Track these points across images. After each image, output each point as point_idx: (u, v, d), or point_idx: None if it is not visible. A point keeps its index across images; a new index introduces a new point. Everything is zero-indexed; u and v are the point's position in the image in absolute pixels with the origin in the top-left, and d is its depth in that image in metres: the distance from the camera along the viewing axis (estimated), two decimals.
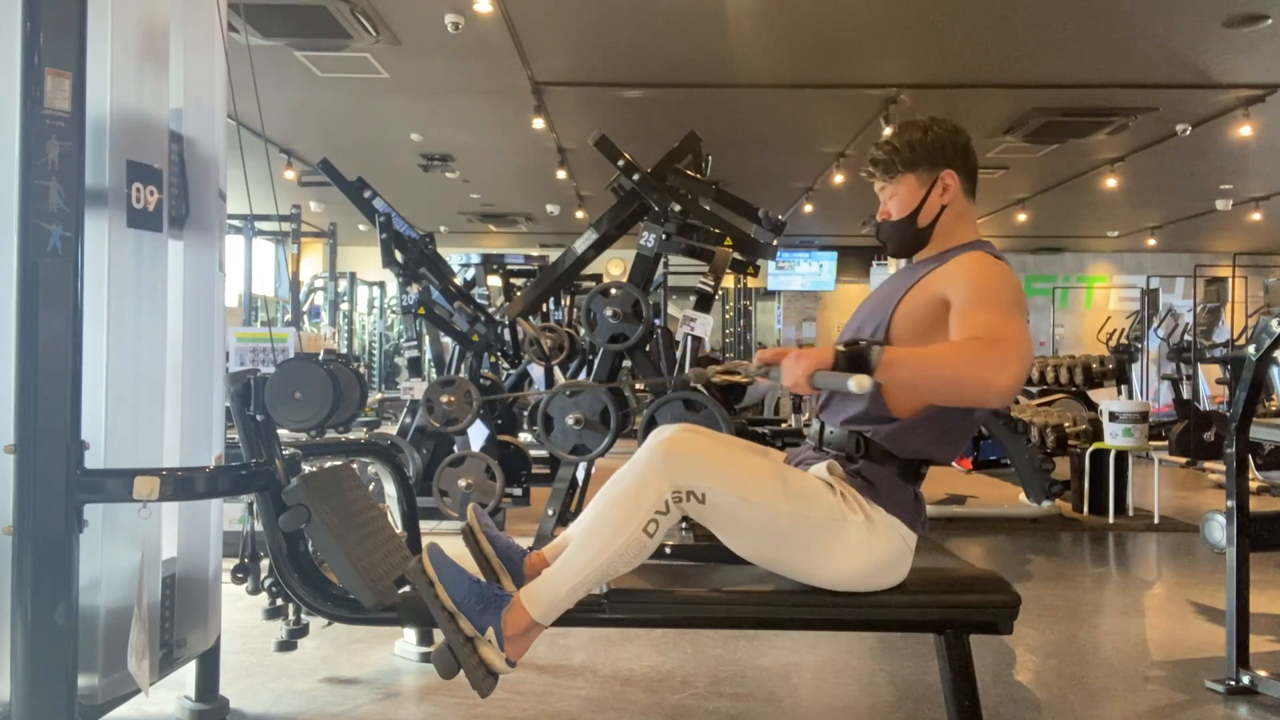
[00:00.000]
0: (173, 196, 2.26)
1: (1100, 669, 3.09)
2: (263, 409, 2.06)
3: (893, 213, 2.00)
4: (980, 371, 1.65)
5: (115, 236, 2.07)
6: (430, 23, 5.63)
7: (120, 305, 2.08)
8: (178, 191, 2.31)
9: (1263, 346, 2.85)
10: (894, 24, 5.67)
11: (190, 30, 2.37)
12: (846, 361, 1.69)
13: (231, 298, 8.26)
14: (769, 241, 4.54)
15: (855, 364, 1.68)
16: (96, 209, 2.02)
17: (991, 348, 1.68)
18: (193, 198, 2.37)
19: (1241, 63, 6.19)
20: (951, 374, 1.67)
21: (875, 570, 1.84)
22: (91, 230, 1.95)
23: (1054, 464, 5.96)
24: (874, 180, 2.03)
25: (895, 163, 1.97)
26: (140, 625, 1.98)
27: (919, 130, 1.97)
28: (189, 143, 2.37)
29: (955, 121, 1.99)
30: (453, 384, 4.49)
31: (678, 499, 1.80)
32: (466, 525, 2.01)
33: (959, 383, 1.67)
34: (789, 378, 1.74)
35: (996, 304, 1.77)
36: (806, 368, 1.71)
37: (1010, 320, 1.74)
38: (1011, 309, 1.77)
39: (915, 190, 1.96)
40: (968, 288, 1.82)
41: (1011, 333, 1.71)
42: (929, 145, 1.95)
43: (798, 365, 1.72)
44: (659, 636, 3.28)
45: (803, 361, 1.72)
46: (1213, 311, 13.41)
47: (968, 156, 1.98)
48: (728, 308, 13.60)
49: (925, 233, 1.98)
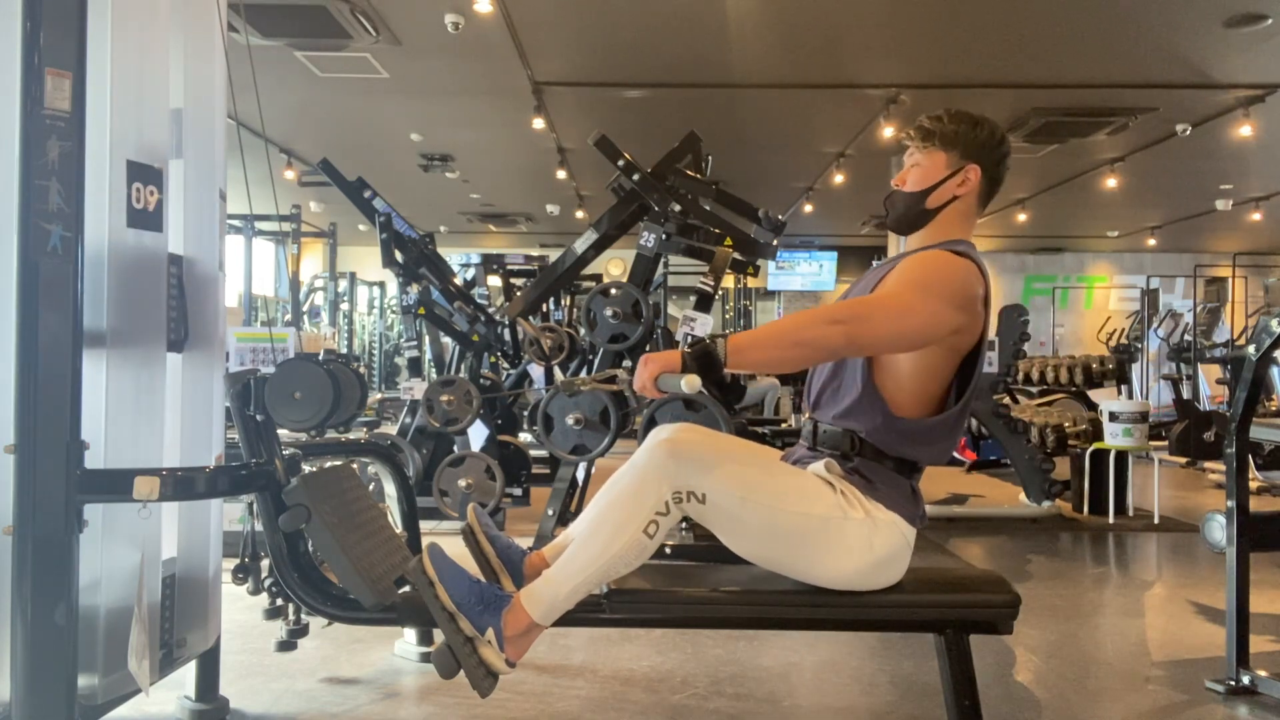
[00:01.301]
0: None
1: (1100, 669, 3.09)
2: (263, 409, 2.06)
3: (909, 182, 1.99)
4: (815, 327, 1.73)
5: (115, 236, 2.07)
6: (430, 23, 5.63)
7: (120, 305, 2.08)
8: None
9: (1263, 346, 2.85)
10: (894, 24, 5.67)
11: (190, 30, 2.37)
12: (694, 360, 1.71)
13: (231, 298, 8.27)
14: (769, 241, 4.54)
15: (703, 361, 1.70)
16: (96, 209, 2.01)
17: (847, 306, 1.76)
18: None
19: (1241, 63, 6.19)
20: (795, 336, 1.75)
21: (876, 567, 1.84)
22: (91, 230, 1.95)
23: (1054, 464, 5.97)
24: (910, 143, 2.02)
25: (935, 135, 1.97)
26: (140, 625, 1.98)
27: (971, 122, 1.97)
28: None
29: (1005, 133, 2.00)
30: (453, 384, 4.49)
31: (678, 499, 1.80)
32: (466, 525, 2.01)
33: (799, 342, 1.74)
34: (637, 381, 1.77)
35: (906, 282, 1.82)
36: (652, 371, 1.74)
37: (905, 294, 1.78)
38: (917, 288, 1.80)
39: (939, 169, 1.96)
40: (896, 273, 1.87)
41: (891, 301, 1.77)
42: (972, 138, 1.95)
43: (645, 369, 1.75)
44: (659, 636, 3.28)
45: (649, 365, 1.74)
46: (1213, 311, 13.41)
47: (999, 165, 1.98)
48: (728, 308, 13.60)
49: (929, 215, 1.97)
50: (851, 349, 1.78)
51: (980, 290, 1.86)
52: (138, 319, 2.13)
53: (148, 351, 2.16)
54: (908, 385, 1.86)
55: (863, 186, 9.66)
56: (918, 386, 1.87)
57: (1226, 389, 8.87)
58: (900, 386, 1.86)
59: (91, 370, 1.97)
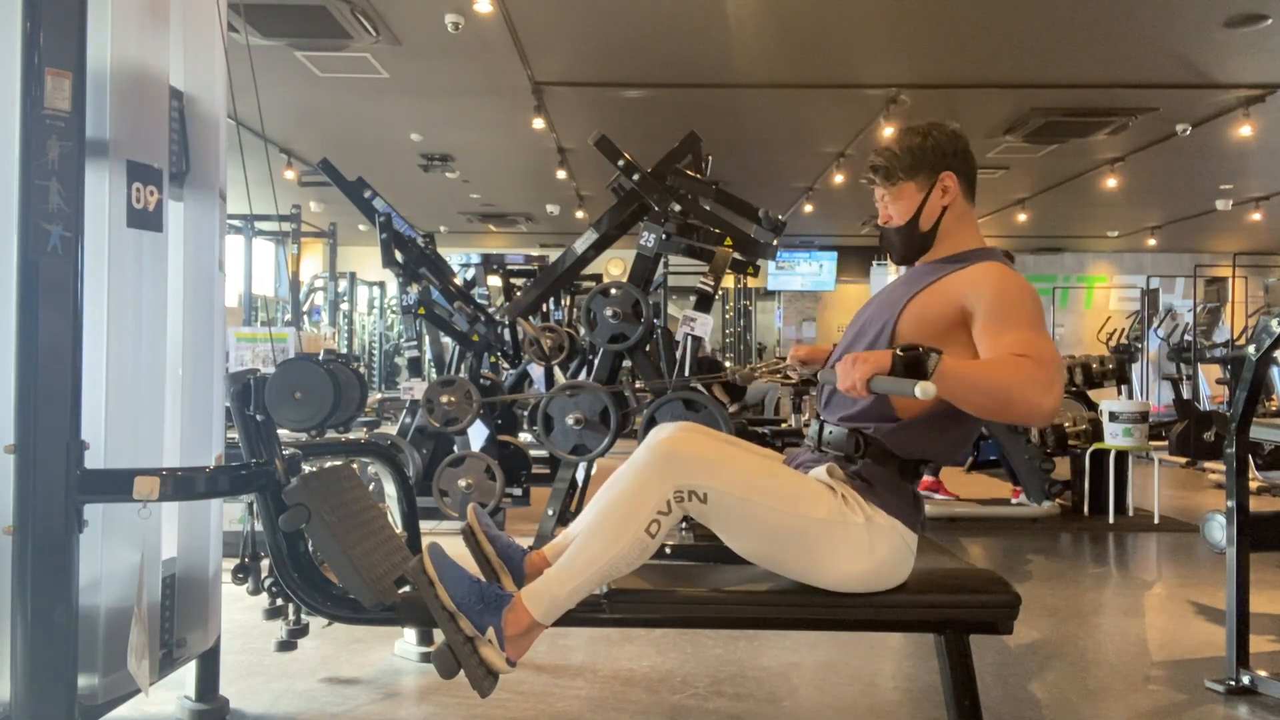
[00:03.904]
0: (174, 153, 2.28)
1: (1100, 669, 3.09)
2: (263, 409, 2.06)
3: (894, 218, 2.00)
4: (1030, 391, 1.66)
5: (115, 236, 2.07)
6: (430, 23, 5.63)
7: (120, 305, 2.08)
8: (179, 149, 2.32)
9: (1263, 346, 2.85)
10: (894, 24, 5.67)
11: (190, 30, 2.37)
12: (903, 366, 1.67)
13: (231, 298, 8.26)
14: (769, 241, 4.53)
15: (912, 368, 1.66)
16: (96, 209, 2.01)
17: (1039, 368, 1.68)
18: (195, 158, 2.37)
19: (1241, 63, 6.19)
20: (1003, 393, 1.67)
21: (877, 571, 1.84)
22: (91, 230, 1.95)
23: (1054, 464, 5.96)
24: (874, 186, 2.03)
25: (895, 169, 1.97)
26: (140, 625, 1.98)
27: (918, 136, 1.97)
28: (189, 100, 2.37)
29: (954, 126, 2.00)
30: (453, 384, 4.49)
31: (679, 499, 1.80)
32: (466, 525, 2.01)
33: (1009, 401, 1.67)
34: (845, 381, 1.71)
35: (1030, 321, 1.77)
36: (865, 372, 1.68)
37: (1045, 339, 1.75)
38: (1042, 327, 1.78)
39: (915, 196, 1.97)
40: (996, 301, 1.80)
41: (1051, 353, 1.73)
42: (928, 151, 1.95)
43: (855, 370, 1.69)
44: (659, 636, 3.28)
45: (860, 366, 1.69)
46: (1213, 311, 13.42)
47: (967, 160, 1.99)
48: (728, 308, 13.61)
49: (929, 236, 1.98)
50: (1044, 422, 1.74)
51: None
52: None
53: (148, 352, 2.16)
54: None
55: (863, 186, 9.64)
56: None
57: (1226, 389, 8.87)
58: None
59: (91, 371, 1.97)
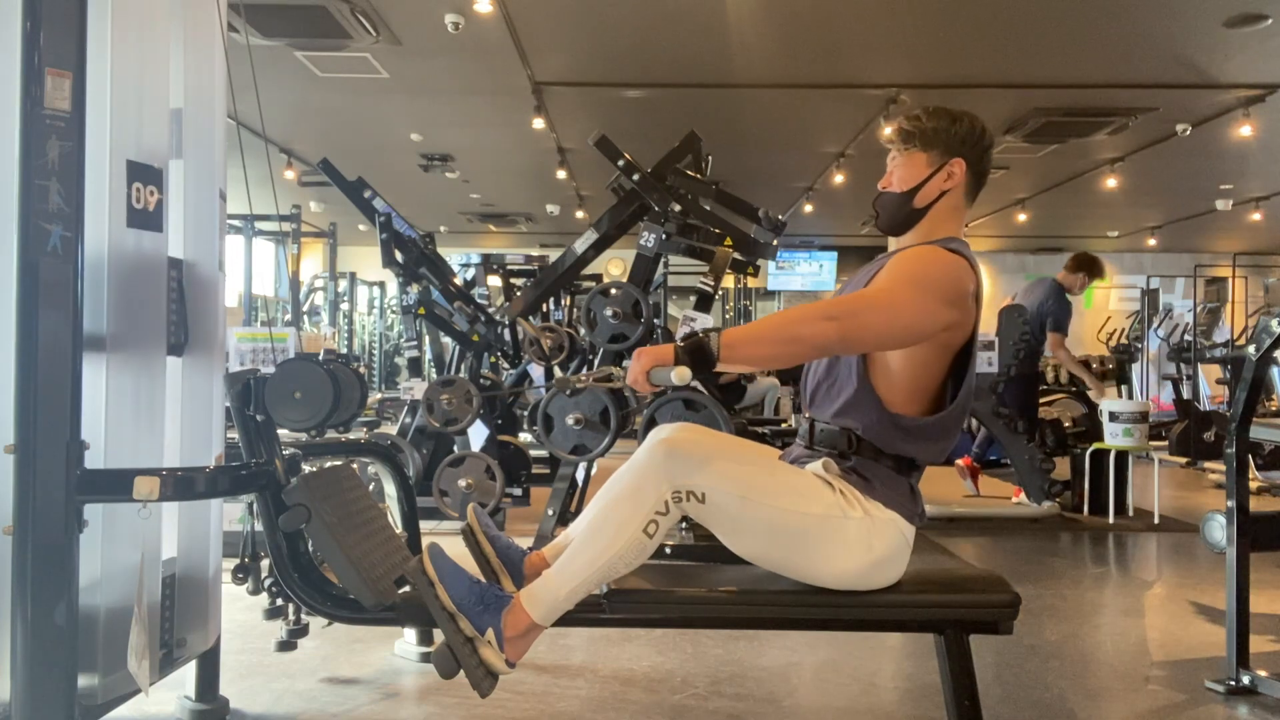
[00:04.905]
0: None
1: (1100, 669, 3.09)
2: (263, 409, 2.06)
3: (894, 183, 2.01)
4: (813, 323, 1.72)
5: (115, 236, 2.07)
6: (430, 23, 5.63)
7: (120, 306, 2.08)
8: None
9: (1263, 346, 2.85)
10: (894, 24, 5.67)
11: (190, 30, 2.37)
12: (686, 354, 1.71)
13: (231, 298, 8.27)
14: (769, 241, 4.54)
15: (695, 355, 1.71)
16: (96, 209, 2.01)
17: (839, 303, 1.76)
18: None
19: (1241, 63, 6.19)
20: (788, 332, 1.74)
21: (876, 566, 1.84)
22: (91, 230, 1.95)
23: (1054, 464, 5.97)
24: (891, 147, 2.04)
25: (915, 137, 1.98)
26: (140, 625, 1.98)
27: (950, 118, 1.97)
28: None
29: (986, 125, 2.00)
30: (453, 384, 4.49)
31: (678, 499, 1.80)
32: (466, 525, 2.01)
33: (798, 338, 1.73)
34: (630, 375, 1.77)
35: (897, 278, 1.82)
36: (644, 364, 1.75)
37: (902, 291, 1.78)
38: (909, 283, 1.80)
39: (922, 169, 1.97)
40: (894, 263, 1.88)
41: (888, 298, 1.77)
42: (952, 134, 1.96)
43: (637, 362, 1.76)
44: (659, 636, 3.28)
45: (641, 359, 1.75)
46: (1213, 311, 13.41)
47: (983, 158, 1.99)
48: (728, 308, 13.61)
49: (918, 214, 1.98)
50: (844, 346, 1.79)
51: (971, 286, 1.86)
52: (138, 320, 2.13)
53: (148, 353, 2.16)
54: (901, 382, 1.87)
55: (863, 186, 9.65)
56: (911, 383, 1.87)
57: (1226, 389, 8.87)
58: (894, 383, 1.87)
59: (91, 372, 1.97)
